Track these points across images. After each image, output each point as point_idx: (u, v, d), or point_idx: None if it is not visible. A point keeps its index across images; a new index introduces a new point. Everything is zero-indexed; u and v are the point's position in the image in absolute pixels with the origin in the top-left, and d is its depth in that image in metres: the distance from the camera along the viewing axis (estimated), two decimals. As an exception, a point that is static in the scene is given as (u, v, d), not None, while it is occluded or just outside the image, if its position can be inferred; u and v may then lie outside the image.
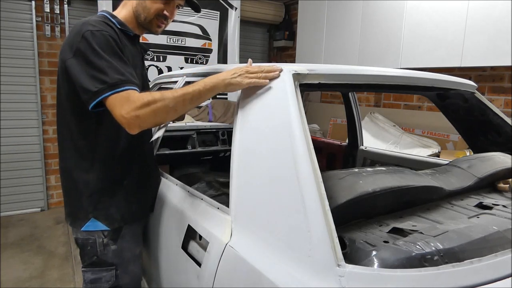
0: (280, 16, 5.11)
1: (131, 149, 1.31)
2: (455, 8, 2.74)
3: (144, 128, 1.07)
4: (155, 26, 1.31)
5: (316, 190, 0.81)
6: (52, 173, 4.06)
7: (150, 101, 1.03)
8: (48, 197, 4.07)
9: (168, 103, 1.05)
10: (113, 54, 1.11)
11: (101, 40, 1.10)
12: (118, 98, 1.04)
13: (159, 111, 1.05)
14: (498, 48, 2.51)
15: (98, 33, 1.11)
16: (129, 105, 1.03)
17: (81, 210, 1.27)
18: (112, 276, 1.30)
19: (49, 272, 2.75)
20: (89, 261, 1.29)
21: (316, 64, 1.10)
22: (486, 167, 1.30)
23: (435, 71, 2.09)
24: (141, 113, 1.03)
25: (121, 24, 1.26)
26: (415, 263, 0.75)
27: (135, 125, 1.04)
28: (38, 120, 3.89)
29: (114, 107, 1.05)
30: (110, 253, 1.29)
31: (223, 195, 1.67)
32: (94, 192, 1.26)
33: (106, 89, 1.05)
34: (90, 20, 1.15)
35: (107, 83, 1.05)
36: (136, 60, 1.32)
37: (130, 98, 1.04)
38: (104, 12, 1.28)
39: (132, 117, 1.02)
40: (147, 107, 1.03)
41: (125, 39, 1.25)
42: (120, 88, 1.05)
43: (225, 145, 2.63)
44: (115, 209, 1.29)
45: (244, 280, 0.92)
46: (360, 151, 2.38)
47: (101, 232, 1.27)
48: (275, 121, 0.97)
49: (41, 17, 3.76)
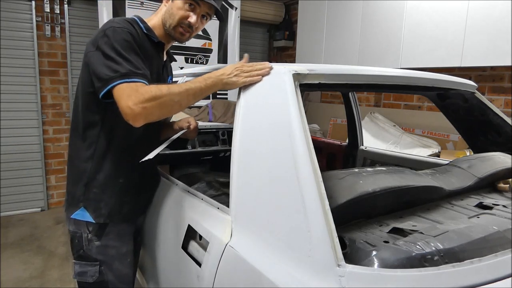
0: (280, 16, 5.11)
1: (132, 148, 1.32)
2: (455, 8, 2.74)
3: (149, 121, 1.09)
4: (178, 33, 1.31)
5: (316, 190, 0.81)
6: (52, 173, 4.06)
7: (157, 95, 1.06)
8: (48, 197, 4.07)
9: (174, 98, 1.08)
10: (131, 50, 1.14)
11: (121, 35, 1.14)
12: (127, 88, 1.06)
13: (165, 105, 1.08)
14: (498, 48, 2.51)
15: (119, 29, 1.15)
16: (137, 97, 1.04)
17: (74, 197, 1.30)
18: (96, 271, 1.32)
19: (49, 272, 2.75)
20: (77, 254, 1.33)
21: (316, 64, 1.10)
22: (486, 167, 1.30)
23: (435, 71, 2.09)
24: (148, 106, 1.05)
25: (148, 29, 1.29)
26: (415, 263, 0.75)
27: (141, 116, 1.06)
28: (38, 120, 3.89)
29: (121, 97, 1.07)
30: (94, 248, 1.31)
31: (223, 195, 1.67)
32: (89, 181, 1.29)
33: (117, 78, 1.07)
34: (116, 19, 1.21)
35: (119, 72, 1.08)
36: (154, 65, 1.33)
37: (138, 90, 1.06)
38: (135, 17, 1.31)
39: (139, 108, 1.04)
40: (154, 100, 1.05)
41: (148, 43, 1.28)
42: (130, 78, 1.08)
43: (225, 145, 2.63)
44: (105, 203, 1.30)
45: (244, 280, 0.92)
46: (360, 151, 2.38)
47: (85, 226, 1.29)
48: (275, 121, 0.97)
49: (41, 17, 3.76)
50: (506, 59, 2.47)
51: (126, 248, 1.40)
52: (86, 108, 1.26)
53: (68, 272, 2.74)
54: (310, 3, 4.18)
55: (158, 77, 1.36)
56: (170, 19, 1.29)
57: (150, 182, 1.51)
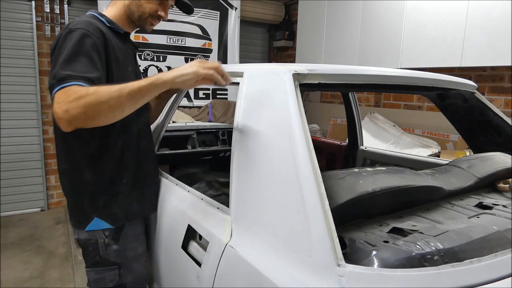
0: (280, 16, 5.11)
1: (126, 148, 1.31)
2: (455, 8, 2.74)
3: (76, 125, 0.96)
4: (148, 25, 1.35)
5: (316, 190, 0.81)
6: (52, 173, 4.06)
7: (81, 95, 0.94)
8: (48, 197, 4.07)
9: (100, 97, 0.94)
10: (79, 53, 1.05)
11: (74, 39, 1.07)
12: (59, 93, 0.97)
13: (90, 106, 0.94)
14: (498, 48, 2.51)
15: (75, 32, 1.08)
16: (63, 100, 0.94)
17: (83, 211, 1.27)
18: (115, 275, 1.30)
19: (49, 272, 2.75)
20: (92, 261, 1.30)
21: (316, 64, 1.10)
22: (486, 167, 1.30)
23: (435, 71, 2.09)
24: (70, 107, 0.93)
25: (110, 22, 1.28)
26: (415, 263, 0.75)
27: (64, 120, 0.94)
28: (38, 120, 3.89)
29: (53, 103, 0.97)
30: (113, 252, 1.29)
31: (223, 195, 1.68)
32: (94, 191, 1.26)
33: (55, 85, 0.99)
34: (75, 21, 1.16)
35: (56, 78, 1.00)
36: (128, 59, 1.33)
37: (67, 92, 0.95)
38: (92, 12, 1.29)
39: (62, 111, 0.93)
40: (78, 101, 0.93)
41: (114, 37, 1.26)
42: (66, 83, 0.98)
43: (225, 145, 2.63)
44: (118, 207, 1.29)
45: (244, 280, 0.92)
46: (360, 151, 2.38)
47: (102, 232, 1.27)
48: (275, 121, 0.97)
49: (41, 17, 3.76)
50: (506, 59, 2.47)
51: (142, 248, 1.41)
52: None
53: (68, 272, 2.74)
54: (310, 3, 4.18)
55: (134, 70, 1.37)
56: (139, 11, 1.30)
57: (152, 178, 1.48)
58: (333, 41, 3.90)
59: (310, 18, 4.20)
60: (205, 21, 4.34)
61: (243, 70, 1.16)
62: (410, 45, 3.09)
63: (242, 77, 1.14)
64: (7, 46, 3.65)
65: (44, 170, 3.99)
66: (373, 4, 3.41)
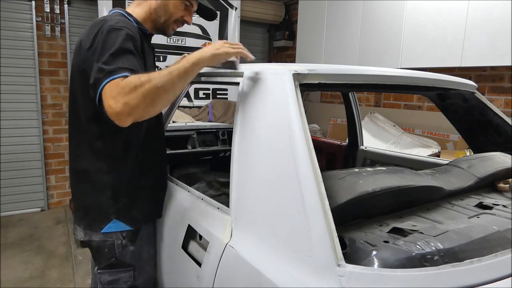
0: (280, 16, 5.11)
1: (146, 149, 1.30)
2: (455, 8, 2.74)
3: (136, 117, 0.96)
4: (171, 29, 1.35)
5: (316, 190, 0.81)
6: (52, 173, 4.06)
7: (137, 84, 0.93)
8: (48, 197, 4.07)
9: (157, 83, 0.95)
10: (126, 50, 1.06)
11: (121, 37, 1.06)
12: (110, 86, 0.95)
13: (149, 94, 0.94)
14: (498, 48, 2.51)
15: (120, 31, 1.07)
16: (117, 92, 0.93)
17: (100, 212, 1.24)
18: (130, 276, 1.30)
19: (49, 272, 2.75)
20: (106, 263, 1.28)
21: (316, 64, 1.10)
22: (486, 167, 1.30)
23: (435, 71, 2.09)
24: (129, 99, 0.92)
25: (138, 22, 1.26)
26: (415, 263, 0.75)
27: (124, 114, 0.93)
28: (38, 120, 3.89)
29: (104, 98, 0.95)
30: (129, 254, 1.29)
31: (223, 195, 1.67)
32: (115, 192, 1.24)
33: (103, 78, 0.96)
34: (113, 19, 1.12)
35: (105, 70, 0.97)
36: (150, 60, 1.32)
37: (119, 84, 0.94)
38: (120, 10, 1.26)
39: (121, 105, 0.92)
40: (135, 90, 0.93)
41: (142, 37, 1.23)
42: (116, 74, 0.96)
43: (225, 145, 2.63)
44: (137, 209, 1.29)
45: (244, 280, 0.92)
46: (360, 151, 2.38)
47: (119, 233, 1.26)
48: (275, 121, 0.97)
49: (41, 17, 3.76)
50: (506, 59, 2.47)
51: (154, 250, 1.41)
52: (90, 117, 1.19)
53: (68, 272, 2.74)
54: (310, 3, 4.18)
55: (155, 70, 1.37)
56: (166, 15, 1.29)
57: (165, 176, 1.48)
58: (333, 41, 3.90)
59: (310, 18, 4.20)
60: (205, 21, 4.34)
61: (243, 70, 1.16)
62: (410, 45, 3.09)
63: (242, 77, 1.14)
64: (7, 46, 3.65)
65: (44, 170, 3.99)
66: (373, 4, 3.41)
